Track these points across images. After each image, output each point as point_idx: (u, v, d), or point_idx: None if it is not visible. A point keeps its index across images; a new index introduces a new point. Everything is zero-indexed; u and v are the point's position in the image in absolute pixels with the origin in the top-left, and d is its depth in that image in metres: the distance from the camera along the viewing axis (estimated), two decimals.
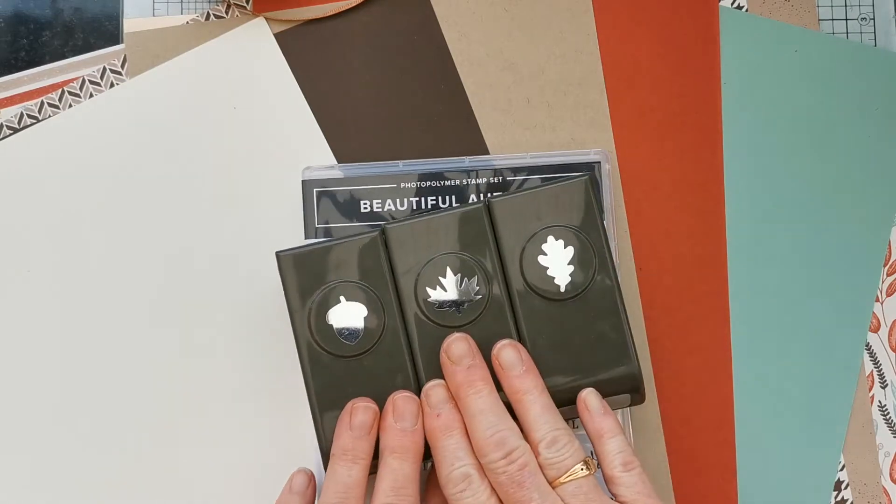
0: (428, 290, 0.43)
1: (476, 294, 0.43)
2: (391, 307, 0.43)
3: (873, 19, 0.53)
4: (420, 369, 0.43)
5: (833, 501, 0.49)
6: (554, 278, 0.43)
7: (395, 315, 0.43)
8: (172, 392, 0.48)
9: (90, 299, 0.49)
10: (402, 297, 0.44)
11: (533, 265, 0.44)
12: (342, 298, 0.43)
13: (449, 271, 0.43)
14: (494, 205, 0.44)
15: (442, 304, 0.43)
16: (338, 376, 0.43)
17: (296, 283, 0.43)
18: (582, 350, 0.43)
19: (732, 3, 0.52)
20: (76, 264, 0.50)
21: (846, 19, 0.53)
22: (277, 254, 0.44)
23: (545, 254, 0.44)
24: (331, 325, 0.43)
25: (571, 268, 0.44)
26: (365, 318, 0.43)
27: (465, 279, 0.43)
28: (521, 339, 0.43)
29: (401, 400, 0.42)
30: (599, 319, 0.43)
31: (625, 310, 0.44)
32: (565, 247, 0.44)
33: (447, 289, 0.43)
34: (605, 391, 0.43)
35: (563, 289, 0.43)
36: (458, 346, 0.42)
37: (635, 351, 0.44)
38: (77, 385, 0.49)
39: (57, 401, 0.49)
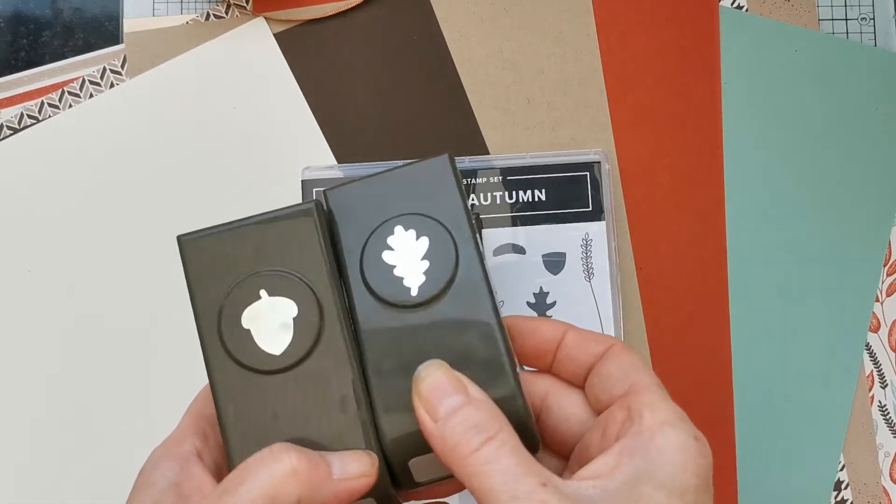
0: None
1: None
2: (330, 300, 0.33)
3: (873, 19, 0.53)
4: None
5: (833, 501, 0.49)
6: (402, 279, 0.33)
7: (335, 311, 0.32)
8: (173, 391, 0.48)
9: (90, 299, 0.49)
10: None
11: (376, 265, 0.33)
12: (263, 293, 0.33)
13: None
14: (330, 196, 0.34)
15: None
16: (258, 400, 0.32)
17: (203, 274, 0.33)
18: None
19: (732, 3, 0.52)
20: (76, 264, 0.50)
21: (846, 19, 0.53)
22: (179, 238, 0.33)
23: (391, 248, 0.33)
24: (247, 331, 0.32)
25: (426, 264, 0.33)
26: (295, 319, 0.32)
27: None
28: (361, 364, 0.32)
29: None
30: (464, 329, 0.32)
31: (497, 313, 0.33)
32: (418, 238, 0.33)
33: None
34: None
35: (414, 292, 0.33)
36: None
37: (514, 367, 0.32)
38: (77, 385, 0.49)
39: (57, 401, 0.49)
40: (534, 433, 0.32)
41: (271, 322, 0.32)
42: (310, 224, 0.33)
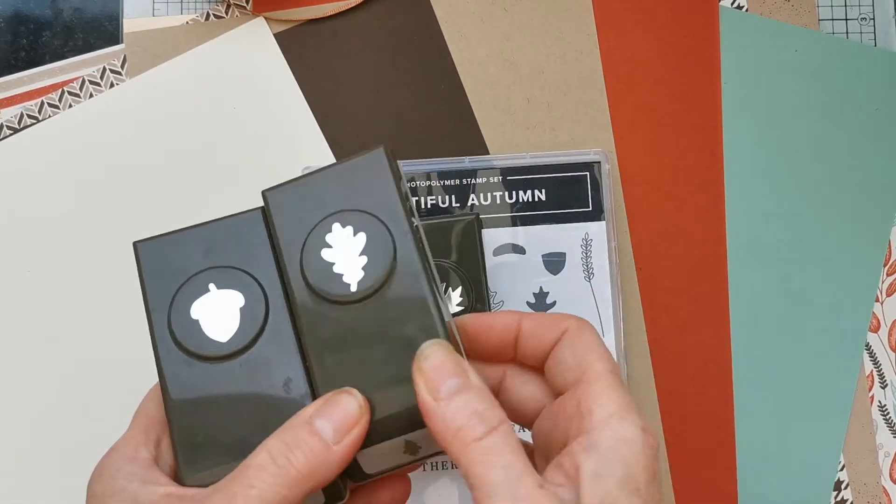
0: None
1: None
2: (276, 291, 0.34)
3: (873, 19, 0.53)
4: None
5: (833, 501, 0.49)
6: (342, 276, 0.33)
7: (281, 302, 0.34)
8: None
9: (90, 299, 0.49)
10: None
11: (315, 263, 0.34)
12: (212, 286, 0.34)
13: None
14: (268, 197, 0.35)
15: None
16: (205, 385, 0.33)
17: (156, 273, 0.34)
18: (385, 365, 0.32)
19: (732, 3, 0.52)
20: (76, 264, 0.50)
21: (846, 19, 0.53)
22: (135, 244, 0.35)
23: (330, 246, 0.34)
24: (196, 321, 0.33)
25: (364, 259, 0.33)
26: (241, 309, 0.34)
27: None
28: (304, 358, 0.33)
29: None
30: (404, 321, 0.32)
31: (438, 304, 0.33)
32: (355, 234, 0.34)
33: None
34: (415, 421, 0.31)
35: (353, 287, 0.33)
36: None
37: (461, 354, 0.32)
38: (77, 385, 0.49)
39: (57, 401, 0.49)
40: None
41: (219, 312, 0.34)
42: (256, 223, 0.35)
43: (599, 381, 0.32)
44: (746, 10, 0.52)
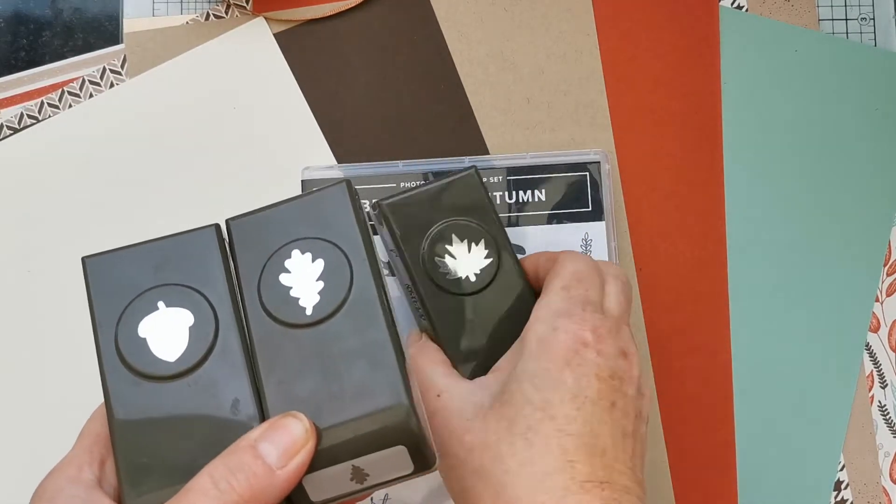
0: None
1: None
2: (227, 311, 0.34)
3: (873, 19, 0.53)
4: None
5: (833, 501, 0.49)
6: (298, 299, 0.34)
7: (231, 322, 0.33)
8: None
9: None
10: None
11: (272, 287, 0.34)
12: (161, 304, 0.33)
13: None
14: (231, 226, 0.36)
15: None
16: (151, 405, 0.32)
17: (105, 289, 0.34)
18: (334, 390, 0.32)
19: (732, 3, 0.52)
20: (76, 264, 0.50)
21: (846, 19, 0.53)
22: (84, 259, 0.35)
23: (288, 271, 0.34)
24: (143, 339, 0.33)
25: (321, 284, 0.34)
26: (191, 328, 0.33)
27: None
28: (254, 379, 0.33)
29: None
30: (358, 344, 0.33)
31: (392, 329, 0.33)
32: (314, 260, 0.34)
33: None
34: (370, 443, 0.32)
35: (309, 311, 0.33)
36: None
37: (406, 382, 0.32)
38: (77, 386, 0.49)
39: (57, 401, 0.49)
40: (427, 449, 0.32)
41: (167, 331, 0.33)
42: (209, 240, 0.35)
43: (547, 295, 0.38)
44: (746, 10, 0.52)
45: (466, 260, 0.42)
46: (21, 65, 0.52)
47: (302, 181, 0.48)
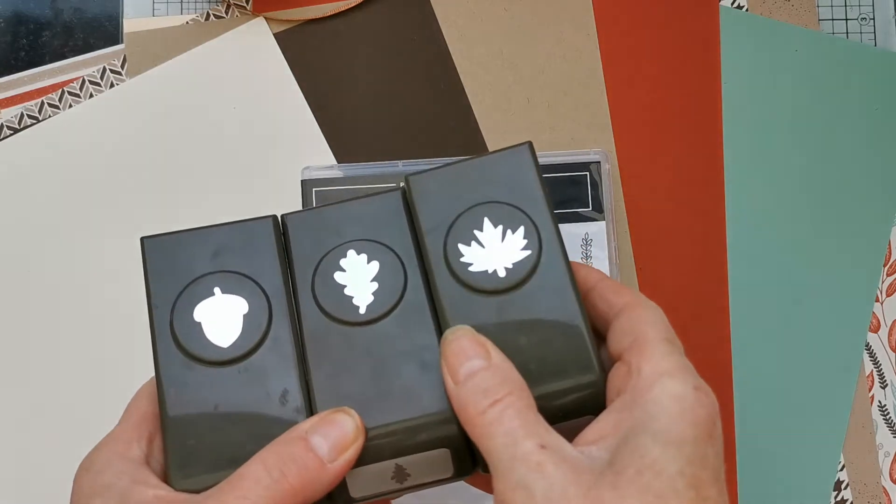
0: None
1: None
2: (280, 303, 0.34)
3: (873, 19, 0.53)
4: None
5: (833, 501, 0.49)
6: (352, 298, 0.34)
7: (284, 313, 0.34)
8: None
9: (90, 299, 0.49)
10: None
11: (326, 283, 0.34)
12: (217, 290, 0.34)
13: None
14: (287, 220, 0.36)
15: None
16: (202, 389, 0.33)
17: (162, 271, 0.34)
18: (384, 389, 0.32)
19: (732, 3, 0.52)
20: (76, 264, 0.50)
21: (846, 19, 0.53)
22: (142, 239, 0.35)
23: (343, 270, 0.35)
24: (198, 323, 0.33)
25: (375, 285, 0.34)
26: (245, 316, 0.34)
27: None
28: (304, 372, 0.33)
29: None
30: (407, 346, 0.33)
31: (440, 335, 0.33)
32: (369, 262, 0.35)
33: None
34: (408, 445, 0.32)
35: (362, 310, 0.34)
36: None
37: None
38: (77, 386, 0.49)
39: (57, 401, 0.49)
40: (469, 456, 0.33)
41: (222, 317, 0.33)
42: (267, 231, 0.35)
43: (653, 345, 0.32)
44: (746, 10, 0.52)
45: (498, 250, 0.34)
46: (21, 65, 0.52)
47: (302, 181, 0.48)
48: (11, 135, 0.51)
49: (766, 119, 0.52)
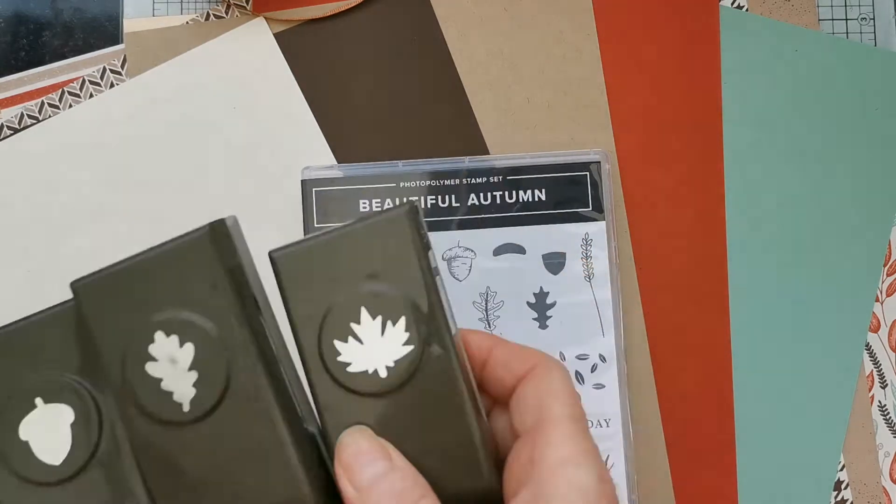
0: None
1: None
2: (109, 406, 0.30)
3: (873, 19, 0.53)
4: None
5: (833, 501, 0.49)
6: (172, 394, 0.29)
7: (114, 418, 0.30)
8: None
9: None
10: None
11: (140, 376, 0.29)
12: (39, 401, 0.30)
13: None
14: (78, 290, 0.32)
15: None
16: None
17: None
18: (230, 497, 0.29)
19: (732, 3, 0.52)
20: (76, 264, 0.50)
21: (846, 19, 0.53)
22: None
23: (155, 359, 0.29)
24: (25, 443, 0.29)
25: (194, 375, 0.29)
26: (72, 426, 0.30)
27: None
28: (146, 488, 0.30)
29: None
30: (249, 443, 0.29)
31: (295, 409, 0.30)
32: (181, 345, 0.29)
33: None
34: None
35: (186, 408, 0.29)
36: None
37: (304, 469, 0.29)
38: None
39: None
40: None
41: (47, 432, 0.30)
42: (71, 324, 0.31)
43: (556, 425, 0.30)
44: (746, 10, 0.52)
45: (378, 345, 0.30)
46: (21, 65, 0.52)
47: (301, 181, 0.48)
48: (11, 135, 0.51)
49: (766, 119, 0.52)
